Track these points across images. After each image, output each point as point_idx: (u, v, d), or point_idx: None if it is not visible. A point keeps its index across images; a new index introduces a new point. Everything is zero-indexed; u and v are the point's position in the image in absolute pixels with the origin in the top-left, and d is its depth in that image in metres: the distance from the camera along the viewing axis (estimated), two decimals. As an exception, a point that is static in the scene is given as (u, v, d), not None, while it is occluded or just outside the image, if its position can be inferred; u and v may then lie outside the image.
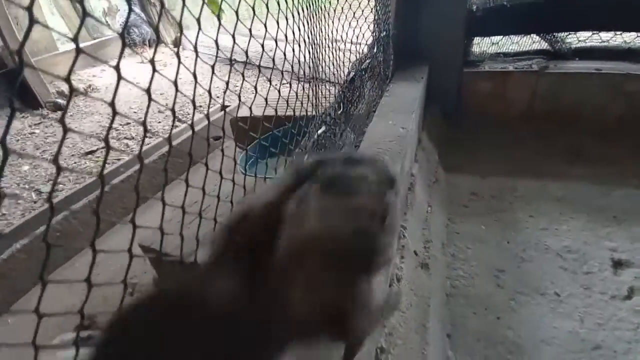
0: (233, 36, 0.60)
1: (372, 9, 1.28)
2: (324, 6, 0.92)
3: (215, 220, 0.62)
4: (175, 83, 0.47)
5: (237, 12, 0.61)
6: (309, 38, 0.89)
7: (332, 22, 1.05)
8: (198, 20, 0.50)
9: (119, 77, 0.36)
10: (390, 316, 0.80)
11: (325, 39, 1.01)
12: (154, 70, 0.42)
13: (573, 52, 1.79)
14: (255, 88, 0.68)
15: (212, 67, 0.59)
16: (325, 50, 1.01)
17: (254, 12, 0.70)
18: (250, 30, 0.65)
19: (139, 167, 0.49)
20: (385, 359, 0.79)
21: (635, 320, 0.97)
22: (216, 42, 0.56)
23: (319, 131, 0.79)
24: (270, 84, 0.78)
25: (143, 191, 0.49)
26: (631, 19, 1.66)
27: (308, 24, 0.88)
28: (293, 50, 0.84)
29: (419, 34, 1.77)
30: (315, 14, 0.92)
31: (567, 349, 0.92)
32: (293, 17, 0.78)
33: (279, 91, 1.01)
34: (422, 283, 1.03)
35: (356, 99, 1.06)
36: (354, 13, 1.14)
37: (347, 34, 1.15)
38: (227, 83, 0.67)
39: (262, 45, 0.68)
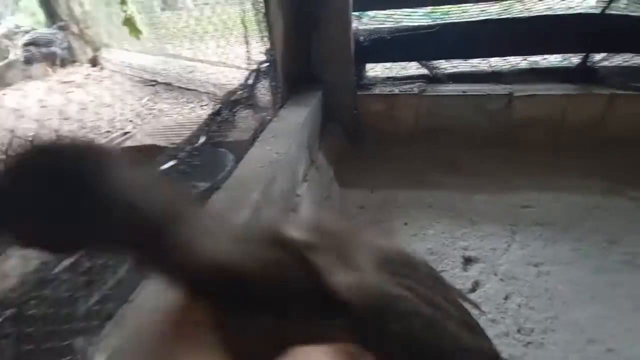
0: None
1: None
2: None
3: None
4: None
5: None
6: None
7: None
8: None
9: None
10: None
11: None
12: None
13: (447, 77, 2.06)
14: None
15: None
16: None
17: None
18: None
19: None
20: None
21: (476, 312, 1.13)
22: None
23: (165, 166, 0.84)
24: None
25: None
26: (493, 47, 1.97)
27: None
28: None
29: (312, 61, 1.92)
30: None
31: (414, 341, 1.05)
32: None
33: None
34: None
35: (225, 129, 1.13)
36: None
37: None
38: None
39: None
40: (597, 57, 1.90)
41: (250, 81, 1.25)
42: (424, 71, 2.14)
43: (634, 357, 0.93)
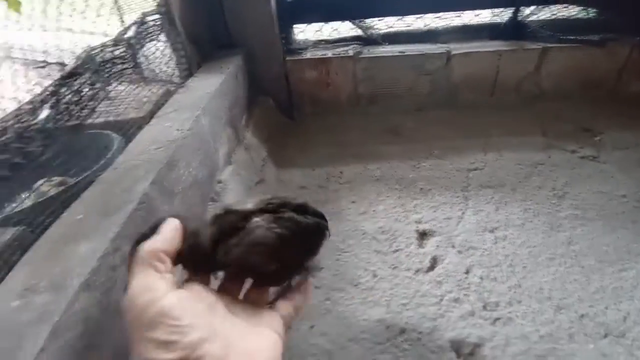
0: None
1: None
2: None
3: None
4: None
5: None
6: None
7: None
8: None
9: None
10: None
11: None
12: None
13: (382, 37, 1.89)
14: None
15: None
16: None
17: None
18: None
19: None
20: None
21: (438, 293, 0.99)
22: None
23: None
24: None
25: None
26: (426, 3, 1.82)
27: None
28: None
29: (227, 21, 1.60)
30: None
31: (374, 342, 0.88)
32: None
33: None
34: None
35: (87, 99, 0.81)
36: None
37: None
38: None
39: None
40: (527, 11, 1.86)
41: (130, 35, 0.91)
42: (358, 32, 1.94)
43: (610, 322, 0.86)
